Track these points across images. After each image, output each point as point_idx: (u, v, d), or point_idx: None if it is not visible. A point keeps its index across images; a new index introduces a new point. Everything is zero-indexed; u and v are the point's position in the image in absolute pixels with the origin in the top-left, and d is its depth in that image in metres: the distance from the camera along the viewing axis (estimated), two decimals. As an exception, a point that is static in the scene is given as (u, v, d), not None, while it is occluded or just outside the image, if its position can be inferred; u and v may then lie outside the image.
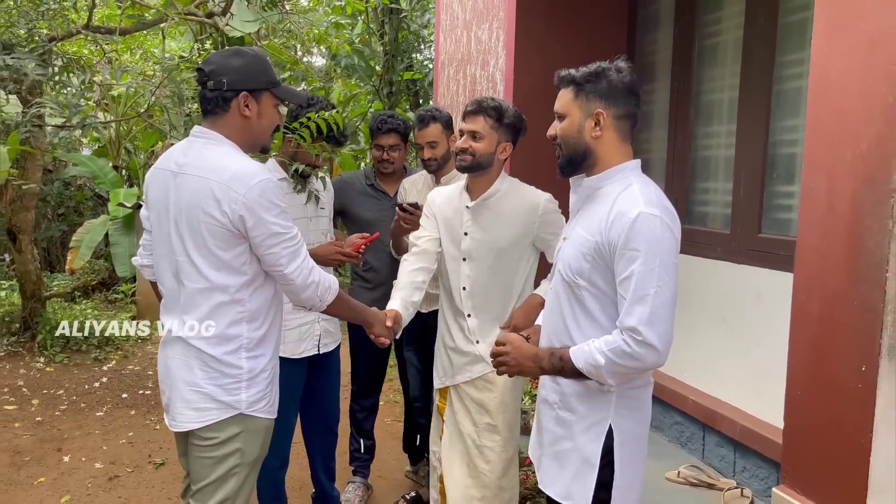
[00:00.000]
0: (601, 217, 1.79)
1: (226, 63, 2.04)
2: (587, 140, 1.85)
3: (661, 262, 1.68)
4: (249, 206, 1.94)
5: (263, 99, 2.09)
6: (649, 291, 1.66)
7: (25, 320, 6.41)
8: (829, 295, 2.00)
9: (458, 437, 2.62)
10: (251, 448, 2.14)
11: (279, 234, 1.99)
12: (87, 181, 10.47)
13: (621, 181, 1.83)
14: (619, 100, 1.83)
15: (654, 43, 4.23)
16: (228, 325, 2.05)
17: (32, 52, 3.52)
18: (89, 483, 3.80)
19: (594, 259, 1.79)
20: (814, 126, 2.07)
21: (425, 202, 2.74)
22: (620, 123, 1.85)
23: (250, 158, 2.08)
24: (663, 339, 1.68)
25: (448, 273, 2.64)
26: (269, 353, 2.17)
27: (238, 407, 2.08)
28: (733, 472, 3.28)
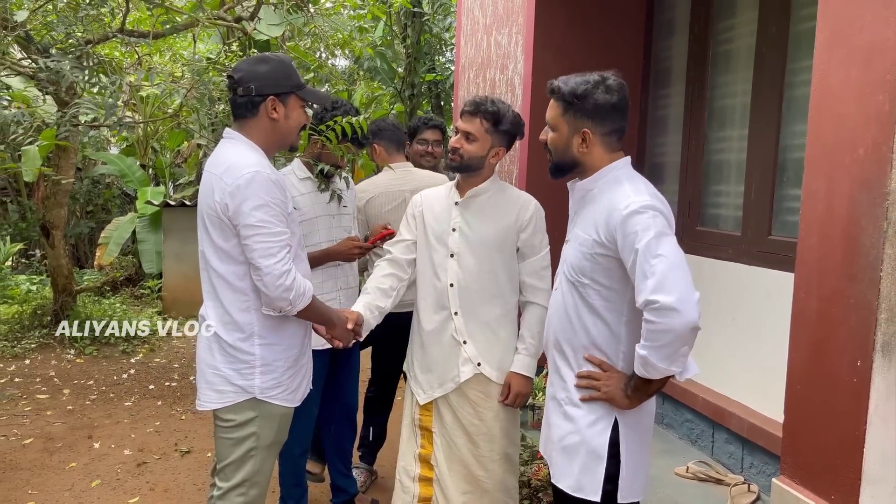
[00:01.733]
0: (596, 216, 1.88)
1: (253, 70, 2.17)
2: (574, 153, 1.95)
3: (656, 234, 1.74)
4: (233, 193, 2.05)
5: (290, 101, 2.21)
6: (652, 263, 1.72)
7: (57, 313, 6.62)
8: (828, 293, 2.09)
9: (451, 449, 2.54)
10: (266, 433, 2.26)
11: (255, 226, 2.06)
12: (115, 179, 10.73)
13: (613, 181, 1.92)
14: (605, 118, 1.90)
15: (670, 49, 4.32)
16: (238, 313, 2.17)
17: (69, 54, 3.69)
18: (118, 468, 3.97)
19: (594, 257, 1.88)
20: (815, 131, 2.16)
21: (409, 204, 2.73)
22: (607, 138, 1.93)
23: (255, 154, 2.15)
24: (681, 298, 1.69)
25: (435, 270, 2.56)
26: (287, 342, 2.26)
27: (251, 391, 2.20)
28: (741, 468, 3.36)
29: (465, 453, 2.52)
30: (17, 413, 4.78)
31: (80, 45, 3.92)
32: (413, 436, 2.66)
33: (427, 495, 2.59)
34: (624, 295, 1.89)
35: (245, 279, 2.15)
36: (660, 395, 3.96)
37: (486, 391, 2.52)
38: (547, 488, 3.37)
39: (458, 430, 2.54)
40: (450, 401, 2.54)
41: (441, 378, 2.55)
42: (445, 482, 2.54)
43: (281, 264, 2.09)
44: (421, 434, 2.64)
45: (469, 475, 2.53)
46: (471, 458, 2.52)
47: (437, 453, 2.57)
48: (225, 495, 2.25)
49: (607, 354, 1.94)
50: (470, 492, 2.53)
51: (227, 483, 2.25)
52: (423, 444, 2.63)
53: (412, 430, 2.67)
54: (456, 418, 2.54)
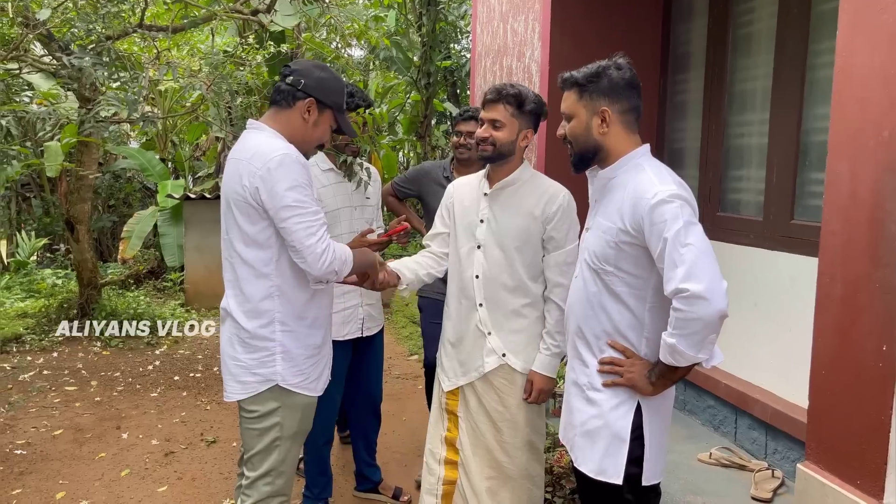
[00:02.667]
0: (619, 204, 1.89)
1: (311, 71, 2.27)
2: (596, 137, 1.96)
3: (684, 223, 1.75)
4: (264, 177, 2.09)
5: (325, 115, 2.30)
6: (681, 252, 1.73)
7: (82, 307, 6.73)
8: (852, 278, 2.07)
9: (475, 435, 2.57)
10: (290, 423, 2.30)
11: (292, 206, 2.10)
12: (135, 173, 10.85)
13: (634, 167, 1.93)
14: (621, 95, 1.94)
15: (689, 33, 4.28)
16: (261, 299, 2.20)
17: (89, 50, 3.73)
18: (147, 458, 4.04)
19: (618, 245, 1.89)
20: (838, 115, 2.14)
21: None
22: (625, 117, 1.95)
23: (282, 141, 2.20)
24: (710, 287, 1.70)
25: (461, 262, 2.58)
26: (308, 331, 2.29)
27: (274, 378, 2.24)
28: (765, 454, 3.35)
29: (490, 439, 2.55)
30: (46, 405, 4.88)
31: (100, 42, 3.96)
32: (441, 419, 2.70)
33: (452, 478, 2.63)
34: (648, 282, 1.90)
35: (270, 264, 2.18)
36: (682, 382, 3.95)
37: (510, 379, 2.54)
38: (570, 475, 3.38)
39: (482, 416, 2.56)
40: (475, 387, 2.57)
41: (465, 367, 2.58)
42: (470, 467, 2.57)
43: (321, 243, 2.15)
44: (448, 418, 2.67)
45: (493, 461, 2.55)
46: (495, 444, 2.54)
47: (462, 438, 2.61)
48: (253, 484, 2.29)
49: (630, 341, 1.95)
50: (494, 477, 2.55)
51: (254, 472, 2.29)
52: (449, 427, 2.67)
53: (440, 413, 2.70)
54: (480, 404, 2.56)
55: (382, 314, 3.34)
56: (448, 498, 2.64)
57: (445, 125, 13.45)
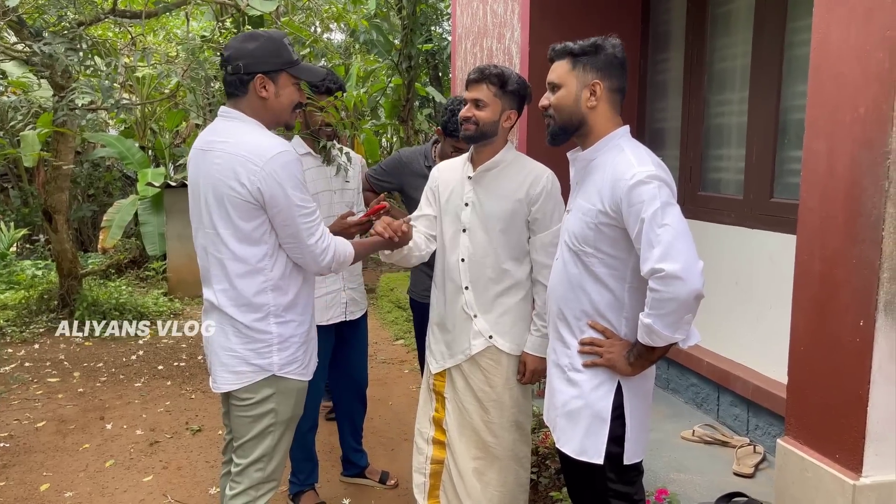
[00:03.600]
0: (600, 185, 1.89)
1: (242, 47, 2.14)
2: (583, 110, 1.95)
3: (661, 204, 1.77)
4: (267, 177, 2.04)
5: (280, 79, 2.18)
6: (658, 232, 1.75)
7: (63, 297, 6.66)
8: (830, 254, 2.09)
9: (462, 415, 2.59)
10: (284, 408, 2.29)
11: (298, 206, 2.09)
12: (115, 162, 10.71)
13: (614, 149, 1.93)
14: (613, 72, 1.94)
15: (668, 12, 4.26)
16: (255, 294, 2.16)
17: (62, 37, 3.66)
18: (131, 448, 4.02)
19: (597, 226, 1.89)
20: (815, 91, 2.14)
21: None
22: (613, 96, 1.96)
23: (270, 134, 2.17)
24: (685, 267, 1.73)
25: (447, 245, 2.58)
26: (299, 318, 2.28)
27: (270, 369, 2.22)
28: (746, 430, 3.39)
29: (476, 419, 2.56)
30: (28, 397, 4.84)
31: (72, 28, 3.89)
32: (429, 400, 2.72)
33: (440, 457, 2.66)
34: (627, 262, 1.91)
35: (265, 260, 2.15)
36: (665, 361, 3.99)
37: (496, 360, 2.55)
38: (554, 456, 3.41)
39: (469, 397, 2.58)
40: (462, 368, 2.58)
41: (452, 350, 2.59)
42: (456, 447, 2.59)
43: (321, 242, 2.17)
44: (435, 398, 2.70)
45: (480, 441, 2.56)
46: (481, 425, 2.56)
47: (449, 418, 2.62)
48: (244, 471, 2.28)
49: (610, 321, 1.96)
50: (480, 458, 2.57)
51: (245, 459, 2.27)
52: (437, 407, 2.69)
53: (428, 394, 2.73)
54: (467, 385, 2.57)
55: (366, 298, 3.33)
56: (436, 477, 2.67)
57: (428, 109, 13.37)
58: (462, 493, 2.56)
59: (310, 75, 2.30)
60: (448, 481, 2.62)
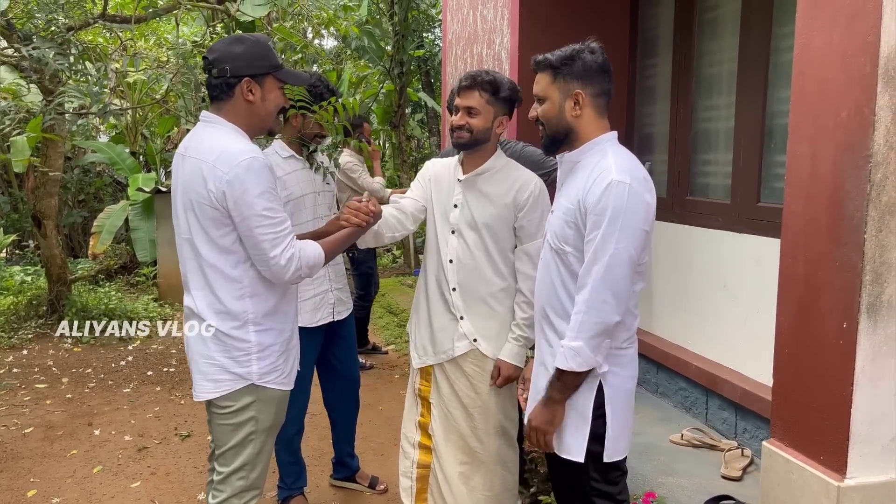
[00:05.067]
0: (579, 186, 1.91)
1: (228, 50, 2.09)
2: (568, 119, 1.97)
3: (622, 225, 1.79)
4: (231, 182, 1.97)
5: (266, 83, 2.13)
6: (607, 251, 1.80)
7: (52, 303, 6.63)
8: (813, 257, 2.10)
9: (448, 421, 2.58)
10: (265, 416, 2.22)
11: (261, 215, 2.00)
12: (105, 167, 10.67)
13: (598, 152, 1.94)
14: (594, 79, 1.95)
15: (656, 17, 4.29)
16: (233, 301, 2.11)
17: (51, 41, 3.65)
18: (119, 454, 4.00)
19: (576, 226, 1.91)
20: (798, 96, 2.16)
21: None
22: (597, 101, 1.97)
23: (244, 140, 2.09)
24: (617, 294, 1.80)
25: (437, 245, 2.58)
26: (280, 326, 2.21)
27: (249, 378, 2.16)
28: (734, 434, 3.41)
29: (462, 425, 2.56)
30: (16, 403, 4.81)
31: (61, 32, 3.88)
32: (414, 405, 2.72)
33: (426, 462, 2.65)
34: None
35: (238, 267, 2.09)
36: (653, 365, 4.00)
37: (481, 366, 2.54)
38: (545, 461, 3.41)
39: (454, 402, 2.57)
40: (447, 372, 2.57)
41: (436, 348, 2.59)
42: (441, 452, 2.58)
43: (286, 252, 2.06)
44: (421, 403, 2.69)
45: (465, 447, 2.56)
46: (467, 430, 2.55)
47: (434, 424, 2.62)
48: (226, 479, 2.23)
49: None
50: (467, 463, 2.56)
51: (227, 468, 2.22)
52: (422, 412, 2.68)
53: (413, 398, 2.72)
54: (452, 390, 2.57)
55: (351, 298, 3.33)
56: (423, 481, 2.67)
57: (420, 115, 13.39)
58: (449, 497, 2.56)
59: (295, 79, 2.25)
60: (435, 485, 2.62)
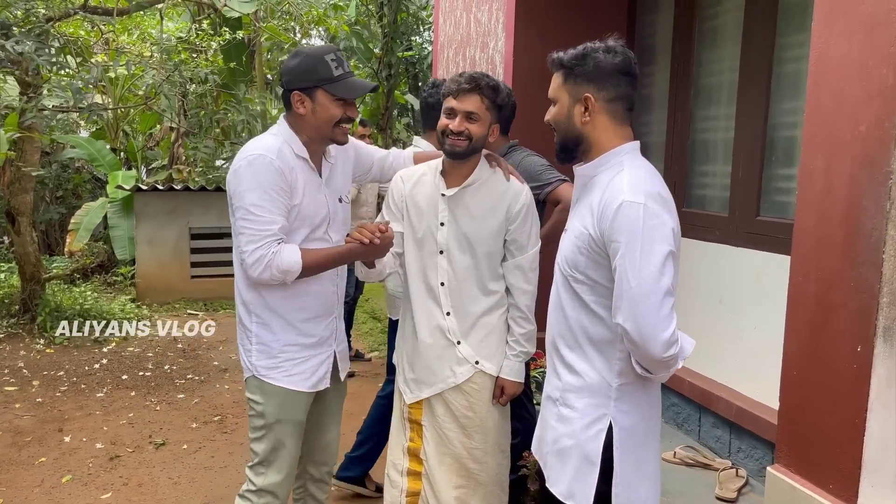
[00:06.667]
0: (592, 207, 1.73)
1: (287, 64, 2.21)
2: (577, 126, 1.79)
3: (642, 251, 1.60)
4: (234, 172, 2.12)
5: (317, 96, 2.17)
6: (631, 284, 1.60)
7: (25, 302, 6.42)
8: (826, 276, 2.01)
9: (442, 443, 2.41)
10: (270, 410, 2.26)
11: (246, 209, 2.09)
12: (85, 163, 10.43)
13: (615, 167, 1.76)
14: (608, 81, 1.75)
15: (654, 25, 4.22)
16: (245, 290, 2.25)
17: (29, 32, 3.49)
18: (90, 463, 3.83)
19: (588, 252, 1.73)
20: (813, 108, 2.08)
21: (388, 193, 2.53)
22: (612, 106, 1.77)
23: (275, 140, 2.18)
24: (648, 335, 1.59)
25: (421, 269, 2.38)
26: (284, 326, 2.25)
27: (252, 370, 2.27)
28: (728, 453, 3.32)
29: (458, 447, 2.41)
30: (-17, 406, 4.62)
31: (40, 24, 3.72)
32: (402, 429, 2.53)
33: (416, 489, 2.48)
34: None
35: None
36: (646, 379, 3.91)
37: (481, 384, 2.40)
38: (534, 477, 3.30)
39: (450, 424, 2.42)
40: (443, 394, 2.41)
41: (432, 378, 2.41)
42: (435, 477, 2.43)
43: (257, 252, 2.10)
44: (410, 427, 2.51)
45: (462, 469, 2.42)
46: (464, 452, 2.41)
47: (427, 447, 2.45)
48: (250, 470, 2.33)
49: (606, 356, 1.78)
50: (463, 486, 2.42)
51: (251, 461, 2.33)
52: (411, 437, 2.50)
53: (401, 423, 2.54)
54: (449, 411, 2.41)
55: None
56: None
57: (407, 118, 13.29)
58: None
59: (346, 92, 2.20)
60: None
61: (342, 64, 2.17)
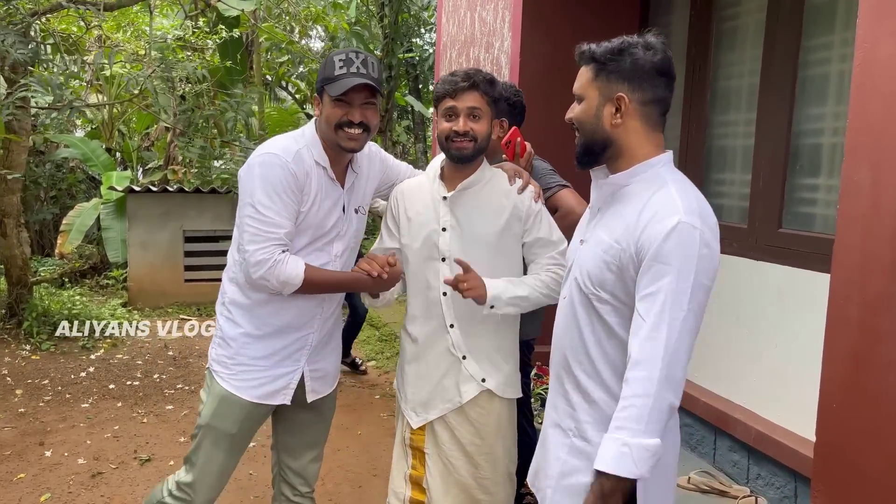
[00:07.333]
0: (630, 221, 1.54)
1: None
2: (606, 128, 1.60)
3: (695, 283, 1.44)
4: (244, 171, 2.08)
5: (324, 98, 2.10)
6: (678, 315, 1.44)
7: (11, 306, 6.22)
8: (872, 300, 1.83)
9: (448, 472, 2.24)
10: (207, 409, 2.20)
11: (252, 206, 2.03)
12: (80, 163, 10.24)
13: (653, 179, 1.58)
14: (645, 82, 1.57)
15: (669, 25, 4.03)
16: (226, 281, 2.22)
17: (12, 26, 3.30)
18: (71, 480, 3.63)
19: (619, 269, 1.55)
20: (858, 113, 1.89)
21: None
22: (647, 109, 1.59)
23: (290, 142, 2.11)
24: (684, 368, 1.47)
25: (423, 281, 2.21)
26: (248, 328, 2.16)
27: (210, 360, 2.24)
28: (747, 479, 3.13)
29: (465, 476, 2.22)
30: (-38, 417, 4.42)
31: (23, 17, 3.53)
32: (404, 456, 2.34)
33: None
34: None
35: (234, 249, 2.19)
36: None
37: (488, 408, 2.21)
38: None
39: (456, 451, 2.23)
40: (446, 419, 2.23)
41: (437, 399, 2.23)
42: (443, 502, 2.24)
43: (260, 253, 2.03)
44: (412, 454, 2.32)
45: (469, 499, 2.23)
46: (471, 482, 2.22)
47: (430, 476, 2.26)
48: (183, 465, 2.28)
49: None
50: None
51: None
52: (414, 464, 2.31)
53: (403, 449, 2.34)
54: (454, 437, 2.22)
55: None
56: None
57: (407, 120, 13.11)
58: None
59: (336, 90, 2.04)
60: None
61: (351, 63, 2.01)
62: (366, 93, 2.04)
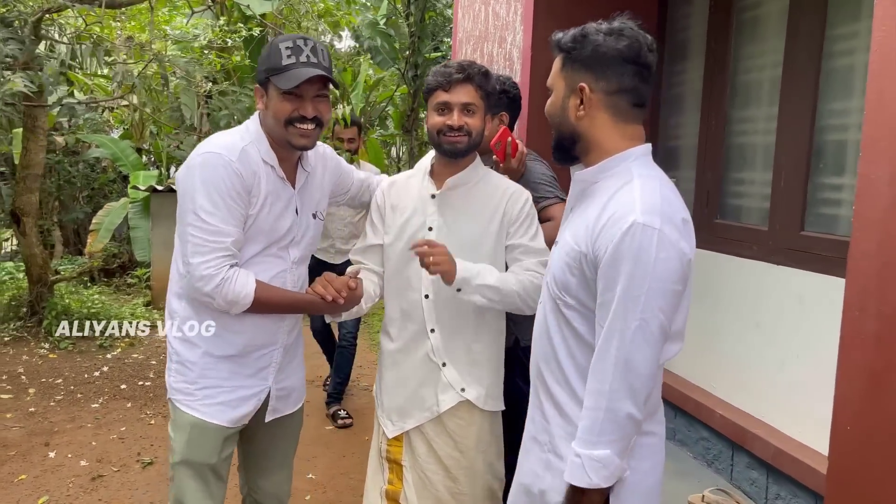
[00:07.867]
0: (590, 221, 1.42)
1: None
2: (572, 120, 1.49)
3: (650, 289, 1.31)
4: (182, 172, 1.87)
5: (269, 90, 1.90)
6: (629, 325, 1.32)
7: (32, 305, 6.27)
8: (891, 311, 1.64)
9: (424, 487, 2.14)
10: (178, 444, 2.00)
11: (194, 213, 1.82)
12: (111, 163, 10.37)
13: (621, 174, 1.44)
14: (609, 70, 1.45)
15: (688, 17, 3.84)
16: (173, 298, 1.99)
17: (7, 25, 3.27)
18: (70, 483, 3.59)
19: (581, 273, 1.43)
20: (875, 105, 1.71)
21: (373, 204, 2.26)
22: (614, 100, 1.46)
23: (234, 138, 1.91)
24: (643, 381, 1.35)
25: (404, 279, 2.12)
26: (208, 347, 1.97)
27: (169, 389, 2.03)
28: (766, 499, 2.93)
29: (442, 491, 2.11)
30: (-26, 415, 4.43)
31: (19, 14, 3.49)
32: (380, 470, 2.24)
33: None
34: None
35: (177, 258, 1.98)
36: (671, 408, 3.53)
37: (468, 419, 2.11)
38: None
39: (433, 465, 2.12)
40: (424, 430, 2.12)
41: (415, 407, 2.13)
42: None
43: (205, 267, 1.83)
44: (389, 468, 2.21)
45: None
46: (448, 497, 2.11)
47: (408, 491, 2.15)
48: None
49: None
50: None
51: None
52: (390, 479, 2.20)
53: (379, 462, 2.24)
54: (431, 450, 2.12)
55: None
56: None
57: (434, 119, 12.97)
58: None
59: (287, 82, 1.85)
60: None
61: (300, 52, 1.82)
62: (318, 85, 1.88)
